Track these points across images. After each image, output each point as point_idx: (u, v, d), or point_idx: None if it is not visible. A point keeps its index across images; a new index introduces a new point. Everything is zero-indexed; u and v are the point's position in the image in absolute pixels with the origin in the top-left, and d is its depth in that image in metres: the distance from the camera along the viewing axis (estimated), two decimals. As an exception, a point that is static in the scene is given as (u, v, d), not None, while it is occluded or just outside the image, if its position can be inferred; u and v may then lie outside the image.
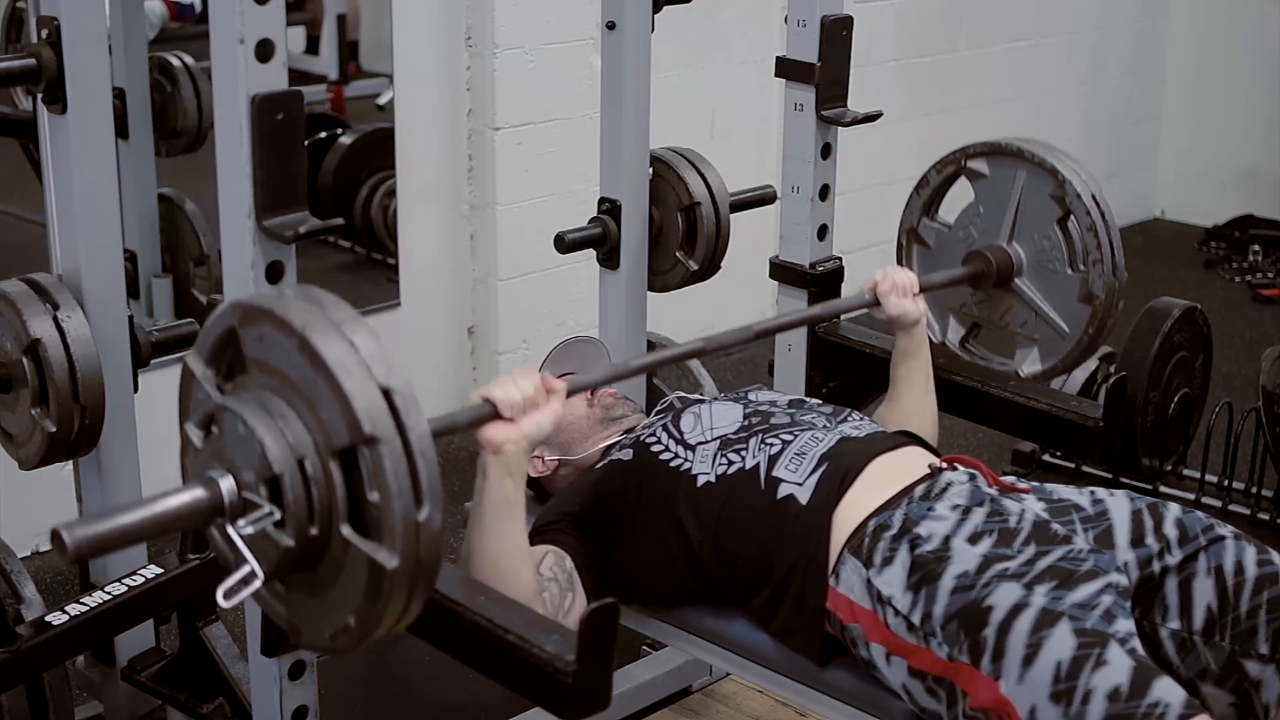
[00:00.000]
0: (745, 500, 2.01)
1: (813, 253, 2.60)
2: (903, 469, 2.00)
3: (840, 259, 2.64)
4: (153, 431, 2.49)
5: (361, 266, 4.05)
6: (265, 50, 1.64)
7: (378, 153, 3.88)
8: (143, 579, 2.08)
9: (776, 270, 2.64)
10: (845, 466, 1.99)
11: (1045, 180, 2.43)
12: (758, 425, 2.10)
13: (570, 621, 1.91)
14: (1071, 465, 3.43)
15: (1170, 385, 3.15)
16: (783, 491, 1.99)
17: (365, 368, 1.39)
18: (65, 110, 2.07)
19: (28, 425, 2.11)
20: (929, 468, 2.01)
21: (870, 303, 2.32)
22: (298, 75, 3.39)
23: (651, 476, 2.09)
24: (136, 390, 2.23)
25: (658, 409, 2.28)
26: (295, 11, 4.10)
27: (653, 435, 2.14)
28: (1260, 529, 3.14)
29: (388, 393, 1.39)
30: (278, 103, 1.65)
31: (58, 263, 2.18)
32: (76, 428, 2.09)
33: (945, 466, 2.02)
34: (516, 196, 3.85)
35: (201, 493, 1.44)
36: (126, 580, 2.08)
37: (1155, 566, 1.90)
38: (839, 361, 2.58)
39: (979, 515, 1.89)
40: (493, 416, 1.77)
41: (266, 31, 1.64)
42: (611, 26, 2.50)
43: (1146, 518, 1.93)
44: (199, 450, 1.49)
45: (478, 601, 1.64)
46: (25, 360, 2.07)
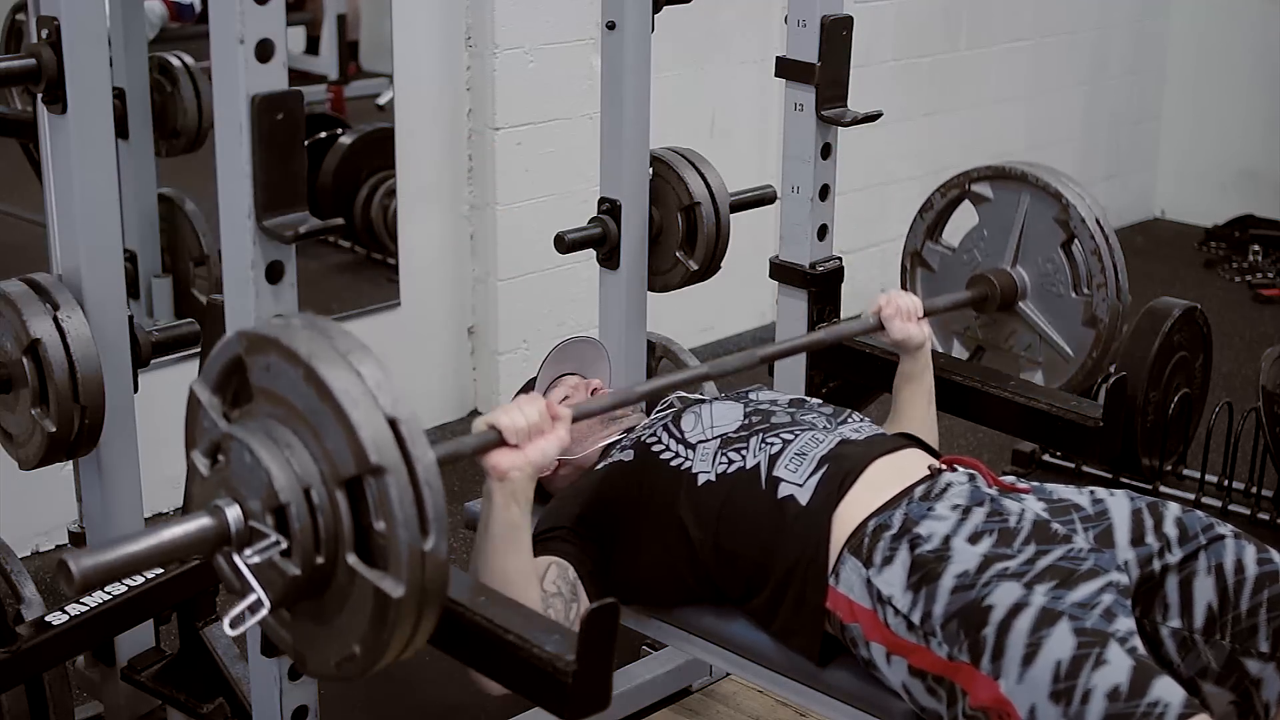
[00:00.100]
0: (745, 500, 2.01)
1: (813, 253, 2.60)
2: (902, 470, 2.00)
3: (840, 259, 2.64)
4: (153, 431, 2.49)
5: (361, 266, 4.05)
6: (265, 50, 1.64)
7: (378, 153, 3.87)
8: (143, 579, 2.08)
9: (776, 270, 2.64)
10: (845, 469, 1.98)
11: (1049, 204, 2.44)
12: (758, 424, 2.09)
13: None
14: (1071, 465, 3.43)
15: (1170, 385, 3.15)
16: (783, 492, 1.99)
17: (371, 397, 1.40)
18: (65, 110, 2.07)
19: (28, 425, 2.11)
20: (929, 469, 2.01)
21: (874, 327, 2.32)
22: (298, 75, 3.39)
23: (652, 476, 2.09)
24: (136, 390, 2.23)
25: (659, 409, 2.28)
26: (295, 11, 4.10)
27: (653, 435, 2.14)
28: (1260, 529, 3.14)
29: (394, 423, 1.40)
30: (278, 103, 1.65)
31: (58, 263, 2.18)
32: (76, 428, 2.09)
33: (945, 467, 2.02)
34: (516, 196, 3.85)
35: (208, 521, 1.45)
36: (126, 580, 2.08)
37: (1155, 565, 1.90)
38: (839, 362, 2.59)
39: (979, 515, 1.89)
40: (498, 443, 1.77)
41: (266, 31, 1.64)
42: (611, 26, 2.50)
43: (1146, 517, 1.93)
44: (205, 478, 1.49)
45: (478, 602, 1.64)
46: (25, 360, 2.07)
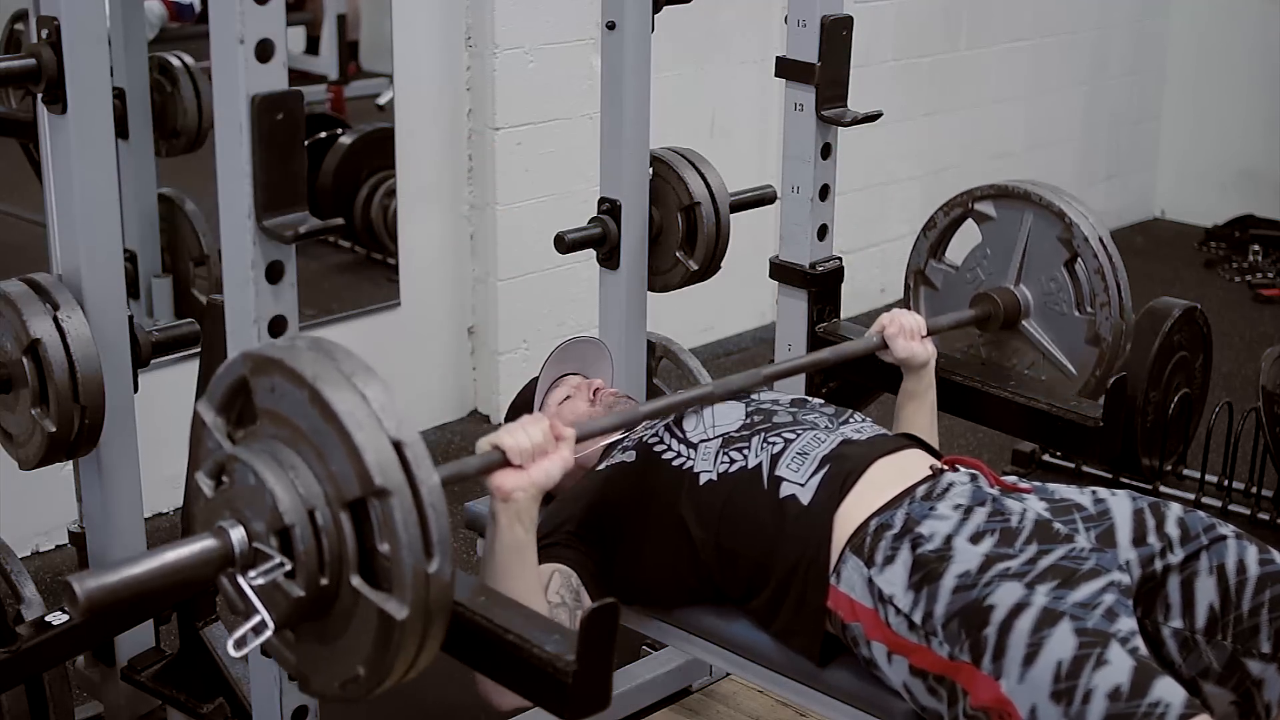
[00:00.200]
0: (747, 499, 2.01)
1: (813, 253, 2.60)
2: (904, 470, 2.00)
3: (840, 259, 2.64)
4: (153, 431, 2.49)
5: (361, 266, 4.04)
6: (265, 50, 1.64)
7: (378, 153, 3.87)
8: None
9: (776, 270, 2.64)
10: (847, 469, 1.98)
11: (1052, 223, 2.44)
12: (760, 424, 2.09)
13: None
14: (1071, 465, 3.43)
15: (1170, 385, 3.14)
16: (785, 491, 1.99)
17: (376, 420, 1.40)
18: (65, 110, 2.07)
19: (28, 425, 2.11)
20: (930, 469, 2.01)
21: (878, 346, 2.33)
22: (298, 75, 3.39)
23: (654, 476, 2.09)
24: (136, 390, 2.23)
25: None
26: (295, 11, 4.10)
27: (655, 435, 2.14)
28: (1260, 529, 3.14)
29: (399, 445, 1.40)
30: (278, 103, 1.65)
31: (58, 263, 2.18)
32: (76, 428, 2.09)
33: (946, 468, 2.02)
34: (516, 196, 3.85)
35: (212, 543, 1.45)
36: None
37: (1157, 565, 1.89)
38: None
39: (981, 515, 1.89)
40: (502, 464, 1.77)
41: (266, 31, 1.63)
42: (611, 26, 2.50)
43: (1148, 517, 1.93)
44: (210, 499, 1.49)
45: (478, 602, 1.64)
46: (25, 360, 2.07)
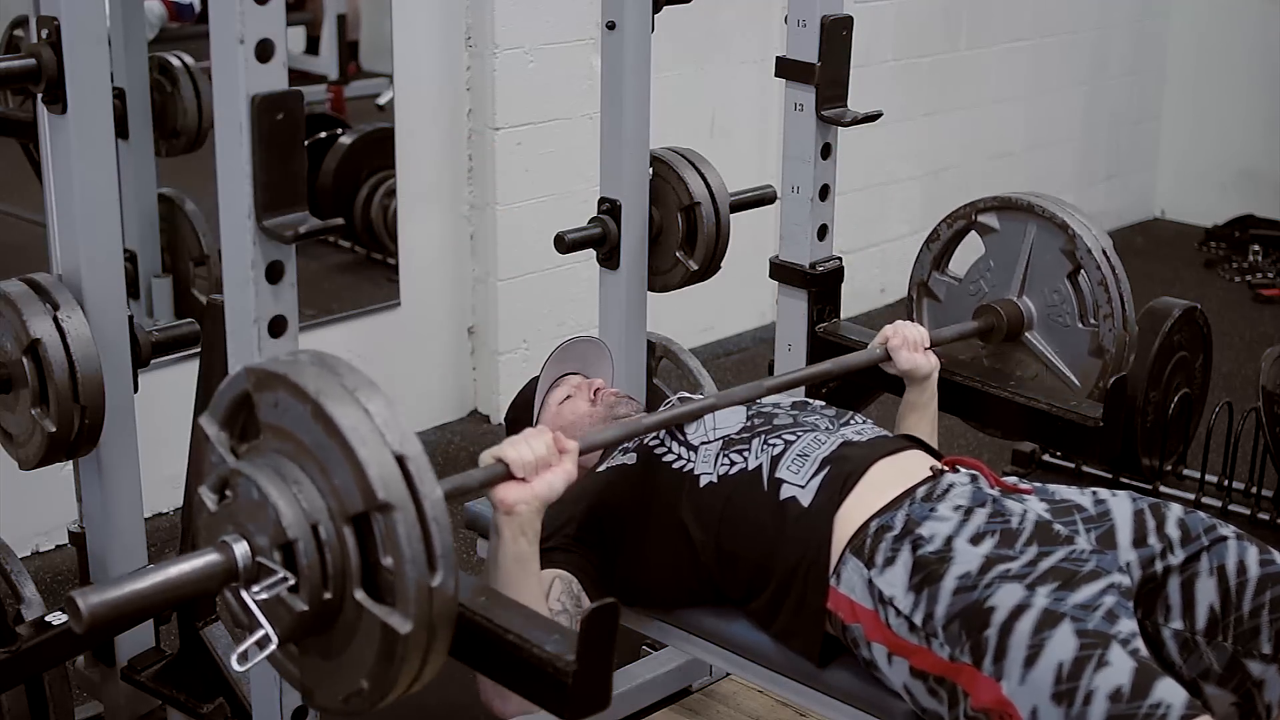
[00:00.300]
0: (747, 501, 2.00)
1: (813, 253, 2.60)
2: (905, 471, 2.00)
3: (840, 259, 2.64)
4: (153, 431, 2.49)
5: (361, 266, 4.04)
6: (265, 50, 1.64)
7: (378, 153, 3.87)
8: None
9: (776, 270, 2.64)
10: (847, 470, 1.98)
11: (1055, 235, 2.44)
12: (760, 426, 2.09)
13: None
14: (1071, 465, 3.42)
15: (1170, 385, 3.15)
16: (785, 493, 1.98)
17: (379, 434, 1.40)
18: (65, 110, 2.07)
19: (28, 425, 2.11)
20: (931, 470, 2.01)
21: (881, 358, 2.33)
22: (298, 75, 3.39)
23: (655, 479, 2.08)
24: (136, 390, 2.23)
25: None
26: (295, 11, 4.10)
27: (656, 437, 2.13)
28: (1260, 529, 3.14)
29: (401, 459, 1.40)
30: (278, 103, 1.65)
31: (58, 263, 2.18)
32: (76, 428, 2.09)
33: (947, 469, 2.02)
34: (516, 196, 3.85)
35: (216, 558, 1.45)
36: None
37: (1158, 567, 1.89)
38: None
39: (981, 516, 1.89)
40: (505, 477, 1.77)
41: (266, 31, 1.63)
42: (611, 26, 2.50)
43: (1149, 518, 1.93)
44: (213, 514, 1.49)
45: (478, 602, 1.64)
46: (25, 360, 2.07)
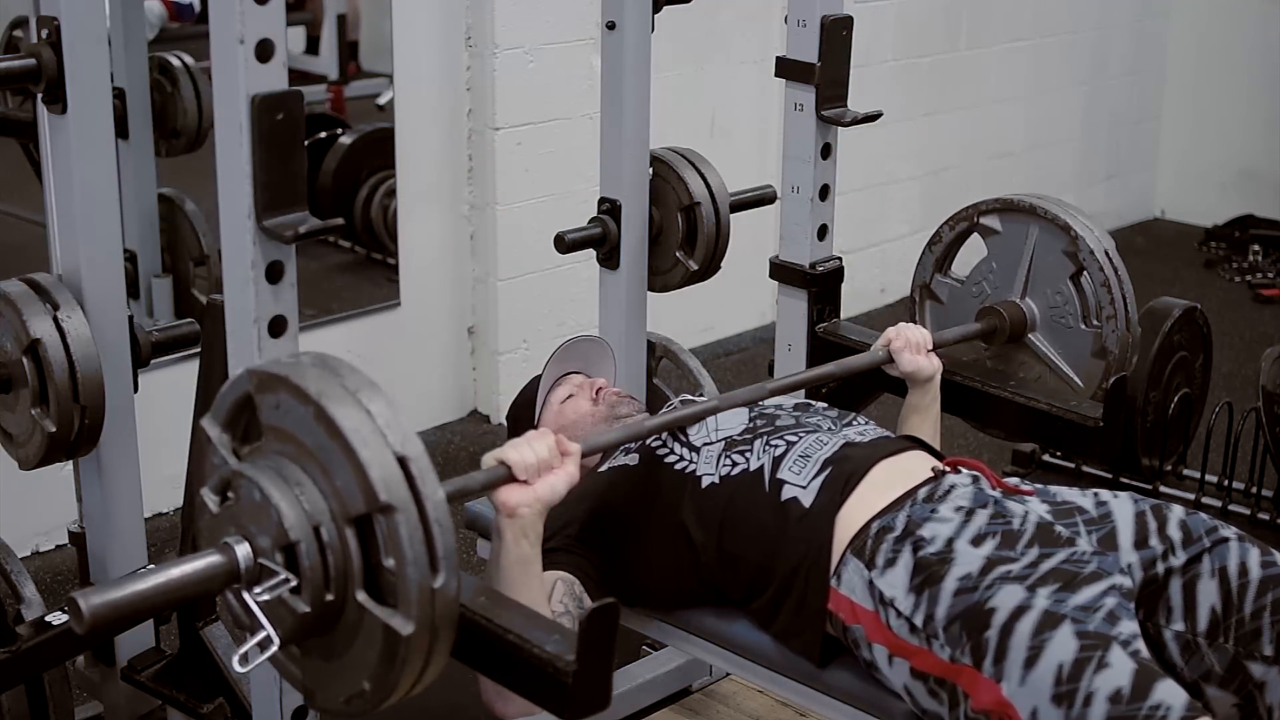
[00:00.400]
0: (749, 502, 2.00)
1: (813, 253, 2.60)
2: (906, 472, 2.00)
3: (840, 259, 2.64)
4: (153, 431, 2.49)
5: (361, 266, 4.04)
6: (265, 50, 1.63)
7: (378, 153, 3.87)
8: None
9: (776, 270, 2.63)
10: (849, 471, 1.98)
11: (1058, 236, 2.44)
12: (762, 427, 2.09)
13: None
14: (1071, 465, 3.42)
15: (1170, 385, 3.14)
16: (786, 494, 1.98)
17: (381, 436, 1.40)
18: (65, 110, 2.07)
19: (28, 425, 2.11)
20: (932, 471, 2.01)
21: (884, 360, 2.32)
22: (298, 75, 3.39)
23: (657, 479, 2.08)
24: (136, 390, 2.23)
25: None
26: (295, 11, 4.10)
27: (658, 439, 2.13)
28: (1260, 529, 3.13)
29: (403, 461, 1.40)
30: (278, 103, 1.65)
31: (58, 263, 2.18)
32: (76, 428, 2.09)
33: (948, 469, 2.02)
34: (516, 196, 3.85)
35: (218, 559, 1.45)
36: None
37: (1159, 568, 1.89)
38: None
39: (982, 517, 1.88)
40: (507, 479, 1.77)
41: (266, 31, 1.63)
42: (611, 26, 2.50)
43: (1150, 519, 1.93)
44: (215, 515, 1.49)
45: (478, 602, 1.64)
46: (25, 360, 2.07)
